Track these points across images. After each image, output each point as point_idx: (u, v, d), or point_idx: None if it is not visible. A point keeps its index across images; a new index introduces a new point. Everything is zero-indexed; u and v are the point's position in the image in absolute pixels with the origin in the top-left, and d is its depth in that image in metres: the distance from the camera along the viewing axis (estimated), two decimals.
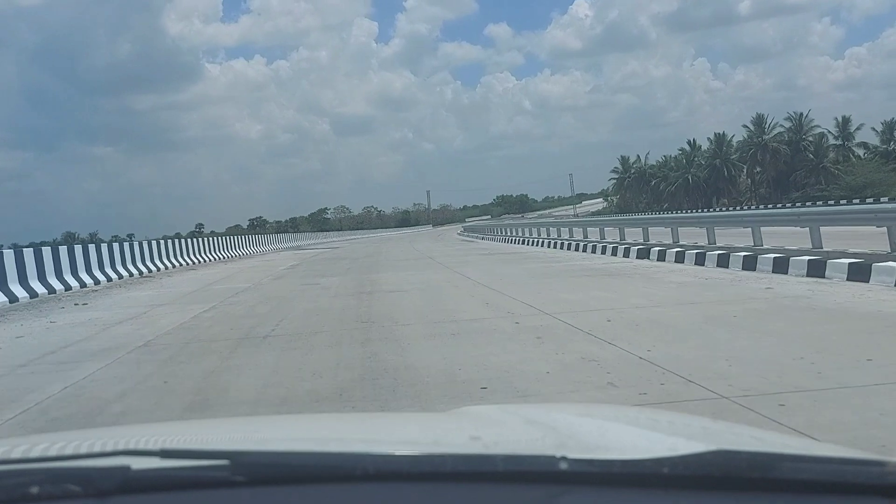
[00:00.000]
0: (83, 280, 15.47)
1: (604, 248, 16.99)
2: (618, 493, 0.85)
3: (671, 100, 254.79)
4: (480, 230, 54.10)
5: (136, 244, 21.65)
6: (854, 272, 8.24)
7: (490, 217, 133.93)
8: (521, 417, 1.33)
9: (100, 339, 7.19)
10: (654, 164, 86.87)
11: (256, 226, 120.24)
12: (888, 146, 65.39)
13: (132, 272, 18.44)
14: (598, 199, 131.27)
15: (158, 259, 22.51)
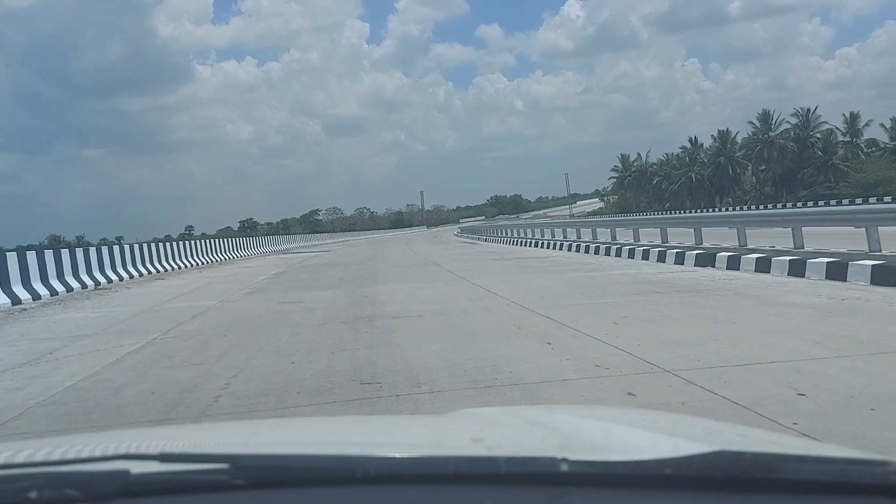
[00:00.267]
0: (19, 295, 12.75)
1: (633, 252, 14.41)
2: (620, 495, 0.84)
3: (663, 100, 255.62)
4: (479, 231, 51.54)
5: (107, 249, 19.26)
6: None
7: (484, 218, 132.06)
8: (524, 419, 1.33)
9: None
10: (656, 163, 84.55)
11: (247, 228, 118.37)
12: None
13: (87, 283, 15.71)
14: (594, 199, 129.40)
15: (132, 265, 19.97)
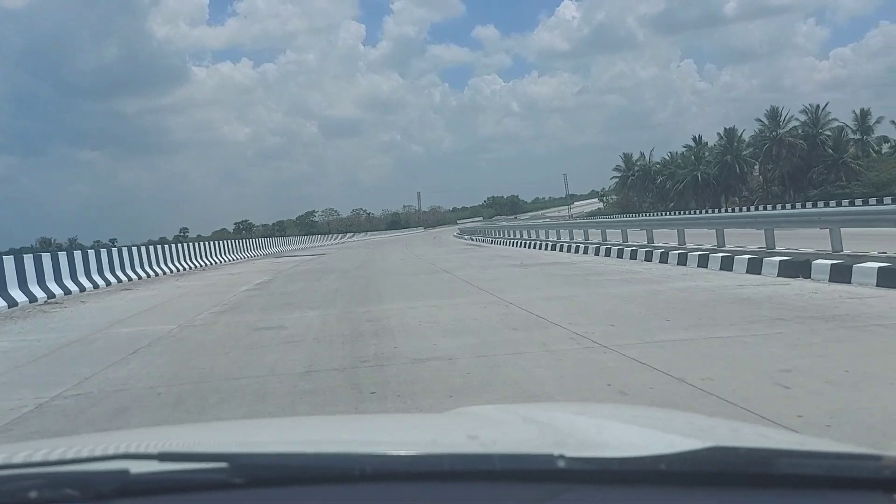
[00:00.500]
0: None
1: (665, 256, 12.10)
2: (616, 491, 0.84)
3: (659, 101, 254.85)
4: (481, 232, 49.12)
5: (80, 255, 17.24)
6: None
7: (482, 219, 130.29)
8: (519, 416, 1.32)
9: None
10: (659, 162, 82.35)
11: (243, 229, 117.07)
12: None
13: (36, 296, 13.31)
14: (593, 200, 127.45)
15: (108, 272, 17.87)
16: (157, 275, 20.39)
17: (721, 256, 11.17)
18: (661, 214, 53.20)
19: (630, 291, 8.83)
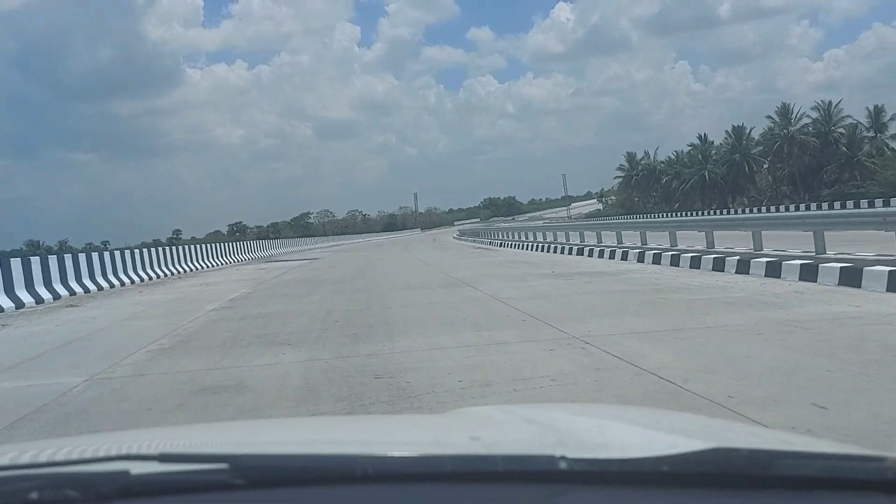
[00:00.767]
0: None
1: (722, 263, 9.44)
2: (618, 492, 0.83)
3: (653, 103, 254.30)
4: (483, 234, 46.28)
5: (39, 261, 14.84)
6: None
7: (479, 220, 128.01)
8: (521, 417, 1.30)
9: None
10: (664, 161, 79.80)
11: (237, 231, 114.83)
12: None
13: None
14: (590, 201, 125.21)
15: (62, 282, 15.33)
16: (124, 284, 17.61)
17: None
18: (679, 215, 50.59)
19: (758, 321, 6.07)
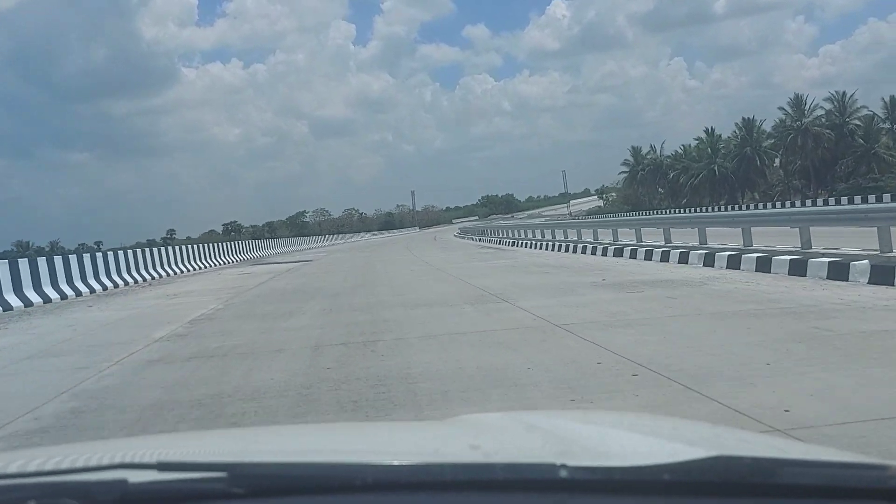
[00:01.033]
0: None
1: (804, 266, 6.81)
2: (619, 500, 0.82)
3: (649, 99, 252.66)
4: (486, 232, 43.50)
5: None
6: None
7: (477, 218, 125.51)
8: (522, 424, 1.29)
9: None
10: (671, 155, 77.19)
11: (232, 231, 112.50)
12: None
13: None
14: (590, 198, 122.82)
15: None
16: (80, 294, 15.07)
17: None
18: (705, 210, 48.04)
19: None
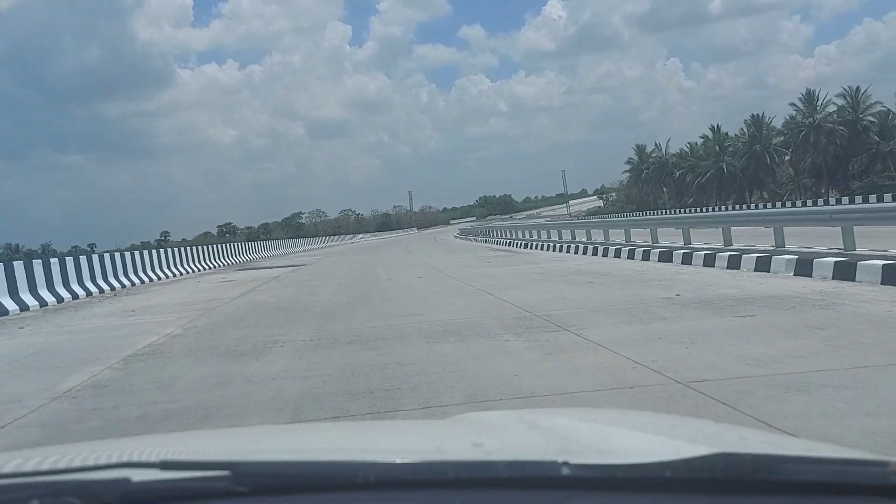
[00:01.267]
0: None
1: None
2: (621, 498, 0.83)
3: (645, 100, 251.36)
4: (489, 233, 41.24)
5: None
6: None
7: (475, 218, 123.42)
8: (524, 423, 1.29)
9: None
10: (676, 153, 74.97)
11: (226, 233, 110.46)
12: None
13: None
14: (590, 198, 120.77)
15: None
16: (25, 309, 12.76)
17: None
18: (734, 207, 45.73)
19: None
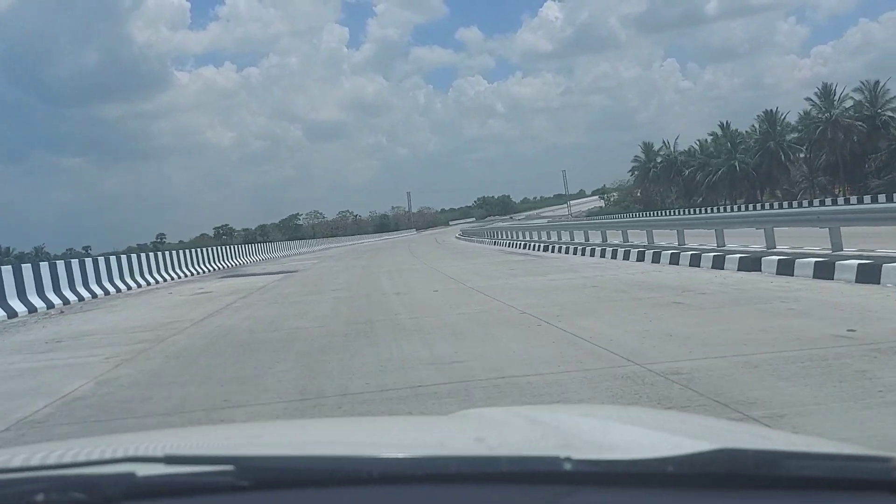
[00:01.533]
0: None
1: None
2: (623, 493, 0.83)
3: (642, 100, 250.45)
4: (493, 234, 38.73)
5: None
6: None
7: (474, 219, 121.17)
8: (525, 418, 1.30)
9: None
10: (684, 152, 72.44)
11: (223, 234, 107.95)
12: None
13: None
14: (590, 198, 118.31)
15: None
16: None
17: None
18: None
19: None
